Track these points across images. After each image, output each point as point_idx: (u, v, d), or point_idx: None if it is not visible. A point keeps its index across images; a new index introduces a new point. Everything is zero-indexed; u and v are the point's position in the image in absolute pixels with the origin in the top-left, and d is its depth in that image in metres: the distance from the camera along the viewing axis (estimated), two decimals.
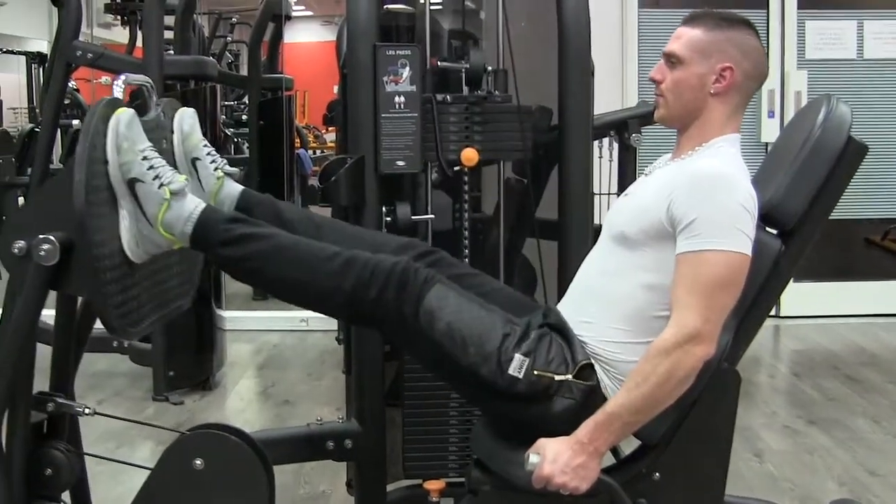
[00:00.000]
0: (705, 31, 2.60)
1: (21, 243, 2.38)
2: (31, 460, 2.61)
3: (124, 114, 2.44)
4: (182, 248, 2.58)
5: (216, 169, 2.76)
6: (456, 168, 3.41)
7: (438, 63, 3.56)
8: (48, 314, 2.51)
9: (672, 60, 2.62)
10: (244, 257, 2.51)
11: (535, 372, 2.46)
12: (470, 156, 3.35)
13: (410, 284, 2.45)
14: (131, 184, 2.45)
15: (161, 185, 2.46)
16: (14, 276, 2.42)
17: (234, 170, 2.80)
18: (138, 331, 2.61)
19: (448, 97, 3.40)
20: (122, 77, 2.61)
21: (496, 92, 3.48)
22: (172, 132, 2.77)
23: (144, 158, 2.46)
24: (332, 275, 2.48)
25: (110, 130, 2.42)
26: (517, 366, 2.45)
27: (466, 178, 3.51)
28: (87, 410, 2.70)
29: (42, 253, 2.33)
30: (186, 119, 2.80)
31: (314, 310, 2.73)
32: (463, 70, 3.48)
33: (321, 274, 2.49)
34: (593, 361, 2.52)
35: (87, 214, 2.31)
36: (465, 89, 3.51)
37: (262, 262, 2.51)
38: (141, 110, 2.60)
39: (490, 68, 3.49)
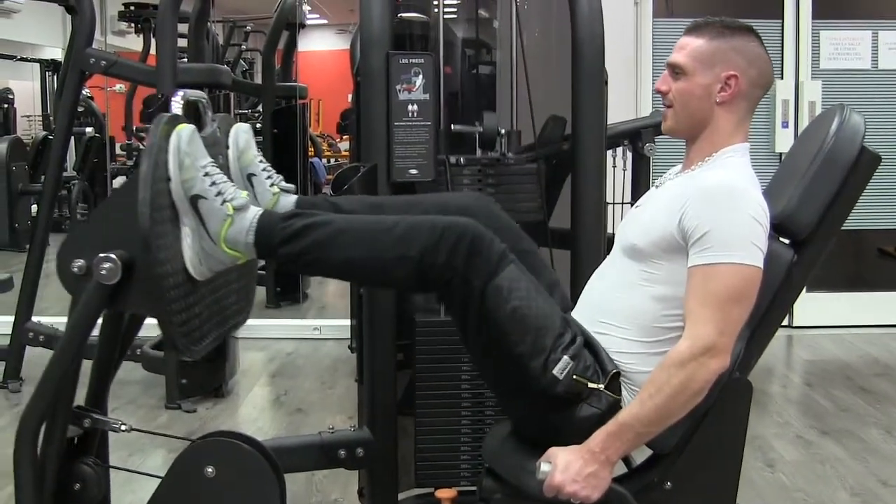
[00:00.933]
0: (708, 40, 2.58)
1: (80, 262, 2.37)
2: (62, 474, 2.60)
3: (185, 130, 2.41)
4: (244, 262, 2.56)
5: (272, 185, 2.71)
6: None
7: (453, 127, 3.56)
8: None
9: (676, 71, 2.61)
10: (306, 249, 2.44)
11: (574, 377, 2.44)
12: None
13: (483, 255, 2.39)
14: (194, 201, 2.42)
15: (224, 201, 2.43)
16: (72, 294, 2.42)
17: (291, 186, 2.73)
18: (200, 348, 2.56)
19: (461, 159, 3.41)
20: (181, 93, 2.60)
21: (510, 154, 3.48)
22: (227, 148, 2.73)
23: (206, 175, 2.42)
24: (396, 244, 2.41)
25: (171, 147, 2.38)
26: (562, 367, 2.42)
27: None
28: (122, 427, 2.69)
29: (103, 272, 2.32)
30: (241, 134, 2.73)
31: (387, 286, 2.71)
32: (477, 133, 3.48)
33: (384, 245, 2.42)
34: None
35: (151, 233, 2.29)
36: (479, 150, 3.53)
37: (325, 249, 2.45)
38: (197, 126, 2.57)
39: (503, 131, 3.48)
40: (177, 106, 2.54)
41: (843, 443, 4.92)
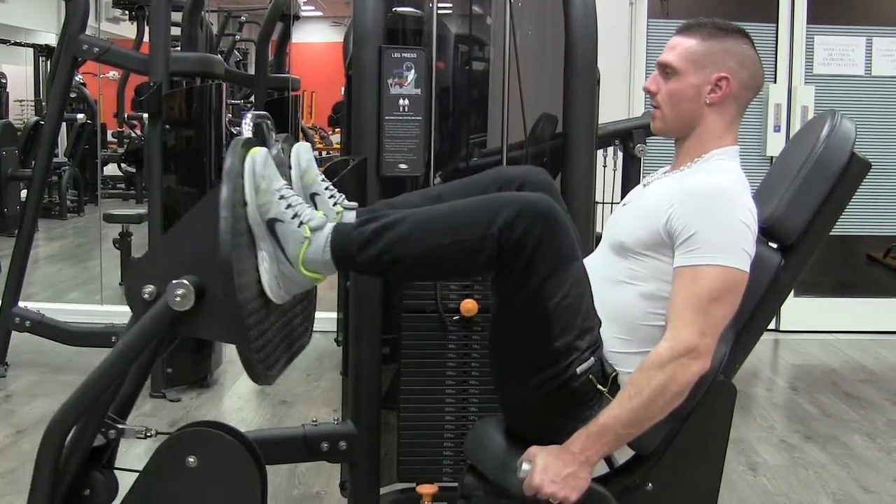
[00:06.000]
0: (701, 41, 2.58)
1: (151, 287, 2.35)
2: (75, 479, 2.57)
3: (259, 153, 2.36)
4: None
5: (335, 204, 2.60)
6: None
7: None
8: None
9: (667, 71, 2.61)
10: (385, 249, 2.39)
11: (590, 375, 2.44)
12: None
13: (555, 242, 2.35)
14: (270, 224, 2.38)
15: (301, 223, 2.39)
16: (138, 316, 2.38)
17: (354, 204, 2.63)
18: (274, 374, 2.50)
19: None
20: (249, 115, 2.56)
21: None
22: (290, 168, 2.64)
23: (282, 198, 2.38)
24: (475, 224, 2.36)
25: (247, 171, 2.34)
26: (586, 367, 2.43)
27: None
28: (149, 434, 2.67)
29: (177, 298, 2.28)
30: (303, 154, 2.64)
31: (470, 271, 2.69)
32: None
33: (464, 230, 2.37)
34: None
35: (232, 259, 2.23)
36: None
37: (404, 246, 2.40)
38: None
39: None
40: (247, 128, 2.50)
41: (826, 448, 4.93)
